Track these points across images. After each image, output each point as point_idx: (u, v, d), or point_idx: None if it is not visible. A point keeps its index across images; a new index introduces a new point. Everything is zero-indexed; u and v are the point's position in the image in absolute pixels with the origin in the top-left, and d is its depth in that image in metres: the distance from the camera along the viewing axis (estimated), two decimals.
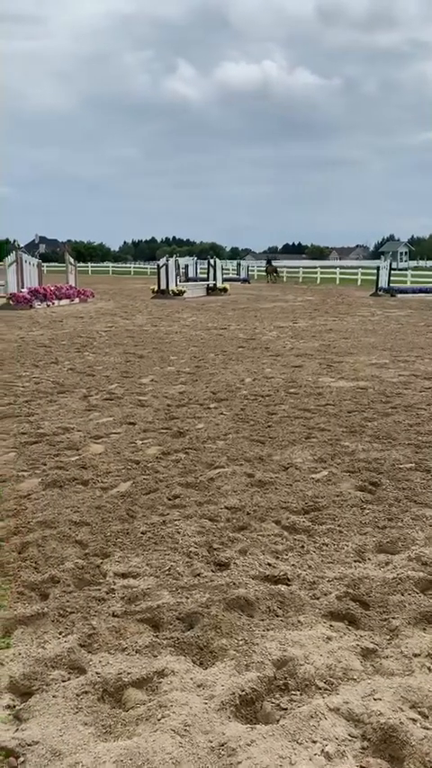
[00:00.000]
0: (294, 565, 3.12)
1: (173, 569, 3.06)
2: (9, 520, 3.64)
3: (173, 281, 24.40)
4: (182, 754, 1.89)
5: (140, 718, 2.07)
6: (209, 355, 10.08)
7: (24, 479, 4.34)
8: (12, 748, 1.93)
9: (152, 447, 5.12)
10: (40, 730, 2.01)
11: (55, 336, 12.39)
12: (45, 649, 2.42)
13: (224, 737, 1.96)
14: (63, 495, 4.04)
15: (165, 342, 11.66)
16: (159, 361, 9.49)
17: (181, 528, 3.51)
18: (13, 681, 2.24)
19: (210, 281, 27.89)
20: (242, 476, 4.40)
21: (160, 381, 7.91)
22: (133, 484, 4.25)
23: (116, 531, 3.49)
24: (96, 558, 3.17)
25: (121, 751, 1.90)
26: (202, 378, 8.15)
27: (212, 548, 3.29)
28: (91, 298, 22.84)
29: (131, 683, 2.24)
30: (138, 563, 3.13)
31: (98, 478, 4.37)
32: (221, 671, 2.30)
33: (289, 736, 1.97)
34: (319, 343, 11.61)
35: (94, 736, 1.99)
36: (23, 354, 9.97)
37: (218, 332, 13.41)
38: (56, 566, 3.07)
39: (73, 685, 2.22)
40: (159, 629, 2.60)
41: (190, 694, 2.17)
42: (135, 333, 13.03)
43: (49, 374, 8.30)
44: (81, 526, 3.56)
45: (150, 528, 3.53)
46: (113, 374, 8.35)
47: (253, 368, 8.91)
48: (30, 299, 19.24)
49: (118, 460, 4.77)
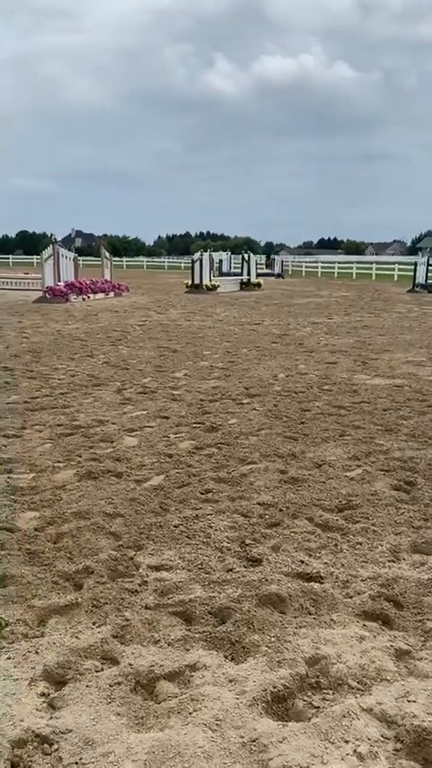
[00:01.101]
0: (327, 563, 3.10)
1: (205, 564, 3.07)
2: (44, 510, 3.69)
3: (207, 276, 24.40)
4: (213, 749, 1.90)
5: (172, 710, 2.08)
6: (242, 350, 10.06)
7: (60, 470, 4.40)
8: (46, 735, 1.95)
9: (185, 441, 5.14)
10: (74, 719, 2.03)
11: (90, 330, 12.51)
12: (79, 639, 2.45)
13: (255, 733, 1.96)
14: (97, 487, 4.08)
15: (198, 336, 11.68)
16: (193, 355, 9.51)
17: (213, 522, 3.52)
18: (48, 669, 2.27)
19: (243, 275, 27.83)
20: (275, 472, 4.39)
21: (193, 376, 7.93)
22: (166, 477, 4.27)
23: (149, 524, 3.51)
24: (130, 550, 3.20)
25: (153, 742, 1.91)
26: (235, 373, 8.14)
27: (245, 543, 3.29)
28: (126, 292, 23.00)
29: (164, 675, 2.25)
30: (170, 556, 3.15)
31: (132, 471, 4.40)
32: (253, 667, 2.30)
33: (321, 734, 1.96)
34: (355, 340, 11.49)
35: (127, 727, 2.01)
36: (60, 347, 10.10)
37: (251, 327, 13.37)
38: (90, 556, 3.11)
39: (106, 676, 2.24)
40: (191, 622, 2.60)
41: (222, 689, 2.17)
42: (169, 327, 13.08)
43: (84, 367, 8.39)
44: (115, 518, 3.59)
45: (183, 522, 3.54)
46: (147, 368, 8.40)
47: (286, 364, 8.87)
48: (66, 292, 19.46)
49: (151, 454, 4.80)
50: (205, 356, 9.47)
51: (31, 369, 8.18)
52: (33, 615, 2.61)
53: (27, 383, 7.30)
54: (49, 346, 10.17)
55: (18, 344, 10.31)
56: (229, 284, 26.42)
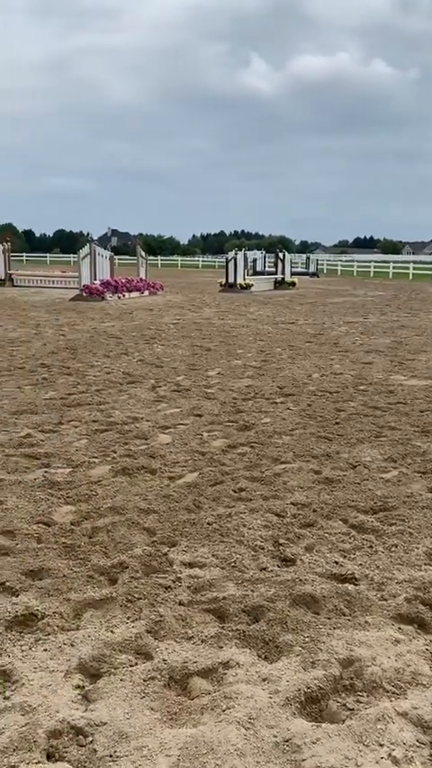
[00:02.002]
0: (362, 564, 3.07)
1: (238, 562, 3.07)
2: (80, 504, 3.74)
3: (241, 275, 24.38)
4: (246, 747, 1.89)
5: (205, 707, 2.09)
6: (276, 350, 10.02)
7: (95, 466, 4.45)
8: (81, 727, 1.98)
9: (218, 439, 5.14)
10: (108, 712, 2.05)
11: (125, 328, 12.62)
12: (113, 633, 2.47)
13: (289, 733, 1.95)
14: (132, 483, 4.12)
15: (232, 335, 11.68)
16: (226, 354, 9.52)
17: (247, 521, 3.52)
18: (83, 662, 2.30)
19: (278, 274, 27.72)
20: (309, 472, 4.36)
21: (227, 374, 7.93)
22: (200, 475, 4.28)
23: (183, 521, 3.52)
24: (163, 546, 3.22)
25: (187, 738, 1.92)
26: (268, 372, 8.12)
27: (278, 543, 3.28)
28: (160, 290, 23.13)
29: (197, 672, 2.26)
30: (204, 553, 3.15)
31: (166, 468, 4.43)
32: (287, 666, 2.29)
33: (355, 737, 1.94)
34: (391, 340, 11.35)
35: (160, 722, 2.03)
36: (95, 345, 10.21)
37: (285, 326, 13.31)
38: (124, 551, 3.14)
39: (140, 670, 2.26)
40: (225, 620, 2.61)
41: (255, 687, 2.17)
42: (203, 326, 13.11)
43: (119, 365, 8.47)
44: (149, 514, 3.62)
45: (216, 519, 3.54)
46: (181, 366, 8.43)
47: (321, 363, 8.80)
48: (102, 290, 19.67)
49: (185, 451, 4.82)
50: (239, 355, 9.47)
51: (68, 366, 8.29)
52: (69, 608, 2.64)
53: (64, 380, 7.40)
54: (85, 344, 10.29)
55: (55, 341, 10.46)
56: (263, 283, 26.35)
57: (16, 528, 3.37)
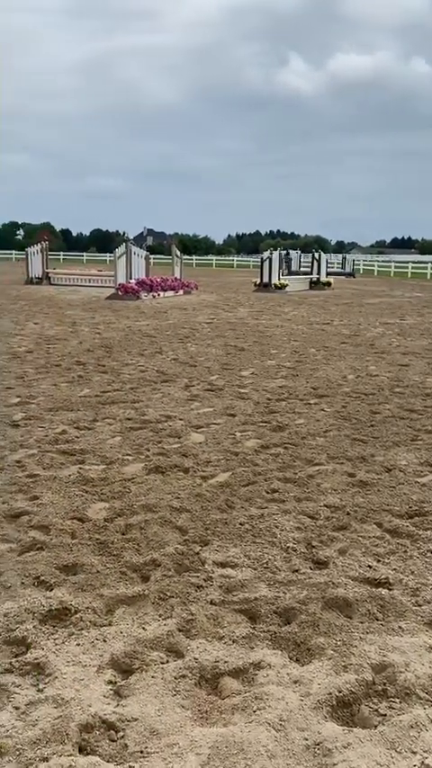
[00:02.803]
0: (396, 569, 3.03)
1: (270, 563, 3.06)
2: (114, 501, 3.78)
3: (276, 275, 24.29)
4: (277, 749, 1.89)
5: (236, 707, 2.09)
6: (310, 350, 9.96)
7: (129, 463, 4.49)
8: (113, 722, 2.00)
9: (251, 439, 5.14)
10: (140, 708, 2.07)
11: (159, 327, 12.69)
12: (146, 630, 2.49)
13: (320, 737, 1.93)
14: (165, 481, 4.14)
15: (266, 335, 11.64)
16: (260, 354, 9.49)
17: (279, 522, 3.50)
18: (115, 658, 2.32)
19: (313, 274, 27.54)
20: (343, 474, 4.32)
21: (260, 375, 7.91)
22: (232, 475, 4.28)
23: (215, 520, 3.53)
24: (195, 546, 3.22)
25: (217, 737, 1.92)
26: (302, 373, 8.07)
27: (311, 545, 3.25)
28: (194, 290, 23.20)
29: (228, 671, 2.26)
30: (236, 553, 3.15)
31: (198, 467, 4.44)
32: (318, 669, 2.27)
33: (387, 743, 1.92)
34: (428, 342, 11.17)
35: (191, 720, 2.03)
36: (130, 343, 10.30)
37: (320, 327, 13.22)
38: (157, 549, 3.16)
39: (171, 668, 2.27)
40: (256, 621, 2.60)
41: (286, 689, 2.16)
42: (236, 325, 13.10)
43: (153, 363, 8.52)
44: (181, 512, 3.63)
45: (249, 520, 3.54)
46: (214, 366, 8.44)
47: (356, 365, 8.71)
48: (137, 289, 19.82)
49: (218, 451, 4.82)
50: (273, 355, 9.43)
51: (103, 363, 8.38)
52: (102, 604, 2.67)
53: (99, 377, 7.48)
54: (120, 342, 10.39)
55: (91, 340, 10.59)
56: (298, 283, 26.21)
57: (51, 523, 3.42)
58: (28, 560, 3.02)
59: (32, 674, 2.24)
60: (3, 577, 2.85)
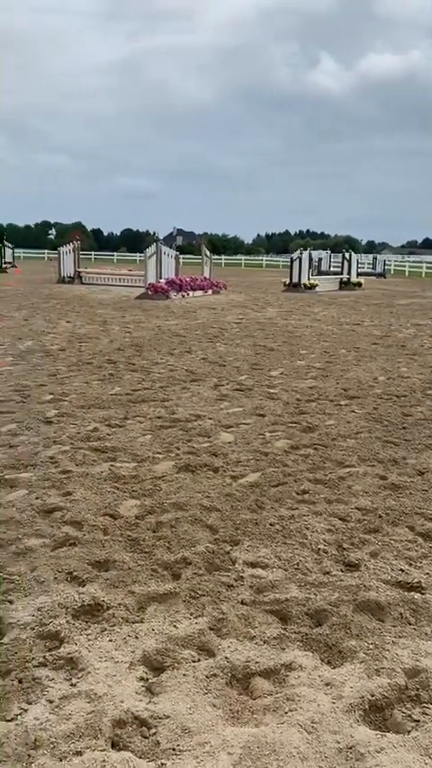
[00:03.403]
0: (429, 573, 2.99)
1: (301, 564, 3.04)
2: (145, 499, 3.80)
3: (305, 275, 24.17)
4: (309, 751, 1.88)
5: (268, 708, 2.08)
6: (340, 351, 9.89)
7: (159, 461, 4.51)
8: (145, 719, 2.01)
9: (281, 440, 5.12)
10: (171, 706, 2.08)
11: (189, 326, 12.73)
12: (177, 628, 2.50)
13: (352, 740, 1.92)
14: (195, 480, 4.15)
15: (295, 335, 11.60)
16: (289, 354, 9.46)
17: (310, 524, 3.48)
18: (147, 655, 2.34)
19: (343, 274, 27.33)
20: (374, 477, 4.28)
21: (290, 375, 7.88)
22: (262, 475, 4.27)
23: (245, 520, 3.53)
24: (226, 545, 3.23)
25: (249, 738, 1.92)
26: (332, 374, 8.02)
27: (342, 547, 3.23)
28: (223, 290, 23.21)
29: (259, 672, 2.26)
30: (266, 554, 3.15)
31: (228, 467, 4.44)
32: (350, 672, 2.26)
33: (421, 749, 1.90)
34: None
35: (222, 719, 2.04)
36: (160, 342, 10.35)
37: (350, 327, 13.11)
38: (188, 547, 3.17)
39: (203, 667, 2.28)
40: (287, 622, 2.59)
41: (318, 692, 2.15)
42: (265, 325, 13.07)
43: (182, 362, 8.55)
44: (211, 511, 3.64)
45: (279, 520, 3.53)
46: (243, 365, 8.44)
47: (387, 366, 8.62)
48: (167, 289, 19.91)
49: (247, 451, 4.82)
50: (302, 355, 9.39)
51: (133, 362, 8.44)
52: (133, 601, 2.69)
53: (129, 376, 7.54)
54: (150, 341, 10.45)
55: (122, 338, 10.67)
56: (327, 283, 26.04)
57: (84, 519, 3.46)
58: (61, 555, 3.06)
59: (66, 668, 2.27)
60: (37, 572, 2.90)
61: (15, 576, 2.87)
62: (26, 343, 9.81)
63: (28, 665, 2.26)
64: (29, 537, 3.26)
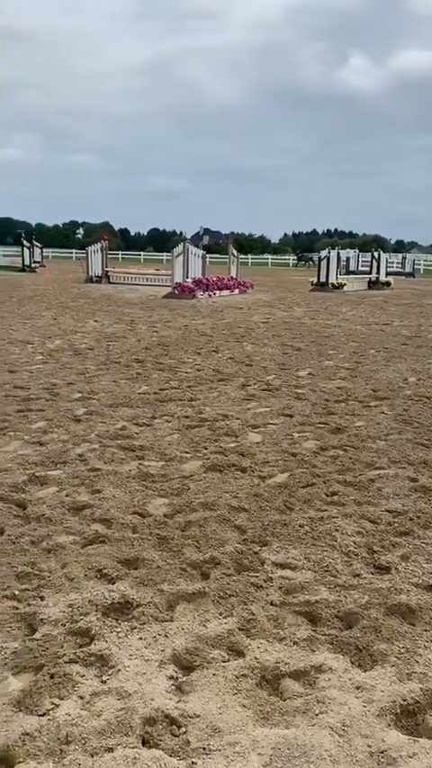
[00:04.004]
0: None
1: (331, 566, 3.02)
2: (173, 498, 3.82)
3: (333, 274, 24.01)
4: (340, 754, 1.87)
5: (298, 710, 2.07)
6: (369, 351, 9.80)
7: (187, 460, 4.52)
8: (175, 717, 2.02)
9: (309, 441, 5.09)
10: (201, 705, 2.08)
11: (215, 326, 12.74)
12: (206, 628, 2.50)
13: (384, 744, 1.90)
14: (223, 480, 4.15)
15: (323, 335, 11.53)
16: (317, 354, 9.40)
17: (340, 526, 3.46)
18: (177, 654, 2.34)
19: (372, 274, 27.09)
20: (405, 479, 4.23)
21: (318, 375, 7.84)
22: (290, 476, 4.26)
23: (274, 521, 3.52)
24: (255, 545, 3.22)
25: (279, 739, 1.92)
26: (361, 374, 7.95)
27: (373, 550, 3.20)
28: (250, 289, 23.18)
29: (289, 673, 2.25)
30: (295, 555, 3.13)
31: (256, 467, 4.43)
32: (381, 676, 2.24)
33: None
34: None
35: (252, 720, 2.03)
36: (187, 342, 10.38)
37: (379, 327, 12.99)
38: (216, 547, 3.17)
39: (232, 667, 2.27)
40: (317, 623, 2.58)
41: (348, 694, 2.13)
42: (293, 325, 13.02)
43: (209, 362, 8.56)
44: (240, 512, 3.63)
45: (308, 522, 3.51)
46: (271, 365, 8.41)
47: (418, 367, 8.52)
48: (193, 288, 19.95)
49: (275, 451, 4.80)
50: (330, 355, 9.33)
51: (161, 361, 8.47)
52: (163, 599, 2.70)
53: (157, 375, 7.57)
54: (177, 341, 10.48)
55: (149, 338, 10.72)
56: (356, 282, 25.84)
57: (113, 517, 3.48)
58: (91, 553, 3.09)
59: (96, 665, 2.29)
60: (67, 569, 2.92)
61: (46, 573, 2.90)
62: (55, 342, 9.92)
63: (59, 661, 2.28)
64: (59, 534, 3.30)
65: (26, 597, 2.71)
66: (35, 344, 9.64)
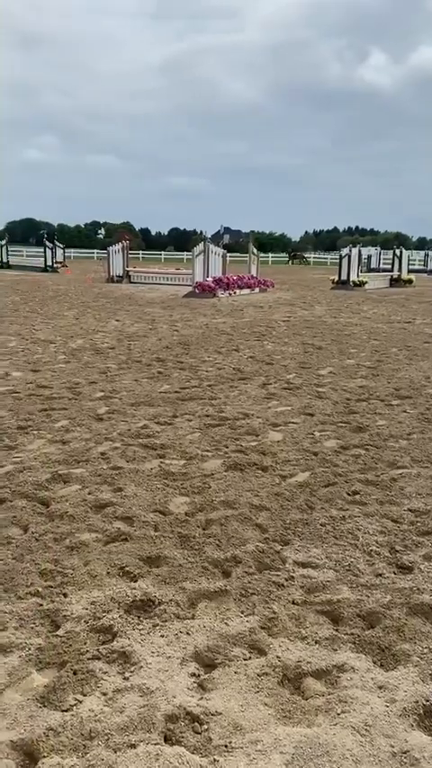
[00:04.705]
0: None
1: (353, 566, 3.01)
2: (194, 496, 3.83)
3: (354, 272, 23.85)
4: (362, 754, 1.86)
5: (320, 709, 2.07)
6: (391, 350, 9.72)
7: (208, 459, 4.53)
8: (197, 714, 2.03)
9: (330, 440, 5.07)
10: (223, 703, 2.09)
11: (236, 325, 12.73)
12: (228, 626, 2.51)
13: (407, 745, 1.89)
14: (244, 479, 4.15)
15: (344, 334, 11.46)
16: (338, 353, 9.35)
17: (361, 525, 3.44)
18: (198, 651, 2.35)
19: (394, 271, 26.85)
20: (427, 478, 4.19)
21: (339, 374, 7.79)
22: (312, 475, 4.24)
23: (295, 520, 3.51)
24: (276, 544, 3.22)
25: (301, 738, 1.92)
26: (383, 373, 7.89)
27: (395, 549, 3.18)
28: (270, 287, 23.12)
29: (311, 672, 2.24)
30: (317, 554, 3.12)
31: (277, 466, 4.42)
32: (404, 676, 2.22)
33: None
34: None
35: (274, 718, 2.03)
36: (207, 340, 10.39)
37: (401, 325, 12.88)
38: (238, 546, 3.17)
39: (254, 665, 2.28)
40: (339, 623, 2.57)
41: (371, 694, 2.12)
42: (313, 323, 12.96)
43: (230, 361, 8.56)
44: (261, 510, 3.63)
45: (330, 521, 3.50)
46: (291, 364, 8.39)
47: None
48: (213, 287, 19.96)
49: (296, 450, 4.79)
50: (352, 354, 9.27)
51: (182, 360, 8.49)
52: (184, 597, 2.71)
53: (178, 374, 7.59)
54: (197, 339, 10.50)
55: (170, 337, 10.75)
56: (377, 280, 25.63)
57: (135, 515, 3.50)
58: (113, 551, 3.11)
59: (119, 661, 2.31)
60: (90, 566, 2.95)
61: (69, 570, 2.93)
62: (77, 342, 10.00)
63: (82, 658, 2.30)
64: (82, 532, 3.33)
65: (49, 594, 2.74)
66: (58, 344, 9.73)
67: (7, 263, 35.74)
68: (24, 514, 3.53)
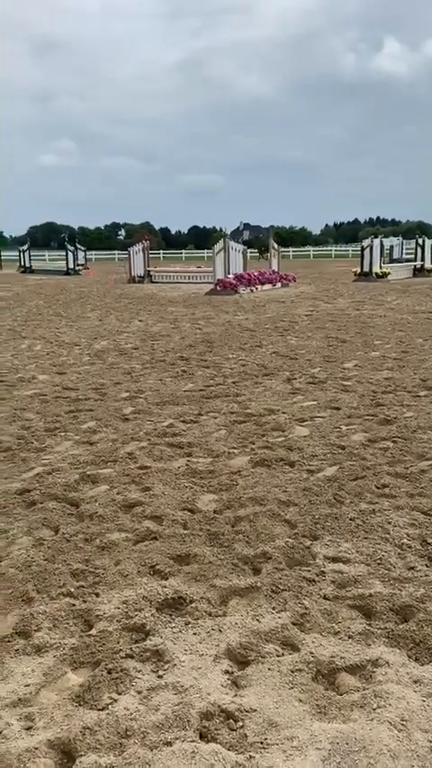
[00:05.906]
0: None
1: (384, 559, 2.98)
2: (222, 494, 3.83)
3: (377, 263, 23.61)
4: (399, 749, 1.84)
5: (355, 704, 2.06)
6: (417, 340, 9.60)
7: (235, 456, 4.53)
8: (231, 711, 2.03)
9: (358, 433, 5.03)
10: (257, 699, 2.09)
11: (258, 320, 12.70)
12: (260, 623, 2.50)
13: None
14: (271, 475, 4.14)
15: (368, 326, 11.35)
16: (363, 345, 9.27)
17: (392, 518, 3.41)
18: (231, 648, 2.35)
19: (417, 261, 26.52)
20: None
21: (364, 367, 7.72)
22: (340, 469, 4.21)
23: (324, 515, 3.49)
24: (306, 540, 3.20)
25: (337, 733, 1.91)
26: (409, 364, 7.79)
27: (426, 542, 3.14)
28: (292, 282, 23.01)
29: (345, 667, 2.23)
30: (347, 549, 3.10)
31: (304, 461, 4.40)
32: None
33: None
34: None
35: (309, 714, 2.02)
36: (230, 337, 10.38)
37: (426, 316, 12.71)
38: (267, 542, 3.16)
39: (287, 661, 2.27)
40: (371, 617, 2.55)
41: (406, 689, 2.10)
42: (337, 316, 12.86)
43: (254, 357, 8.54)
44: (289, 506, 3.62)
45: (359, 515, 3.47)
46: (316, 358, 8.34)
47: None
48: (235, 284, 19.93)
49: (323, 444, 4.76)
50: (376, 346, 9.18)
51: (205, 358, 8.50)
52: (215, 594, 2.71)
53: (202, 372, 7.60)
54: (220, 337, 10.49)
55: (193, 335, 10.77)
56: (400, 271, 25.34)
57: (164, 514, 3.52)
58: (143, 549, 3.13)
59: (152, 660, 2.32)
60: (120, 566, 2.97)
61: (100, 570, 2.95)
62: (101, 343, 10.07)
63: (116, 657, 2.32)
64: (112, 531, 3.35)
65: (82, 594, 2.76)
66: (82, 346, 9.81)
67: (30, 267, 36.18)
68: (55, 516, 3.57)
